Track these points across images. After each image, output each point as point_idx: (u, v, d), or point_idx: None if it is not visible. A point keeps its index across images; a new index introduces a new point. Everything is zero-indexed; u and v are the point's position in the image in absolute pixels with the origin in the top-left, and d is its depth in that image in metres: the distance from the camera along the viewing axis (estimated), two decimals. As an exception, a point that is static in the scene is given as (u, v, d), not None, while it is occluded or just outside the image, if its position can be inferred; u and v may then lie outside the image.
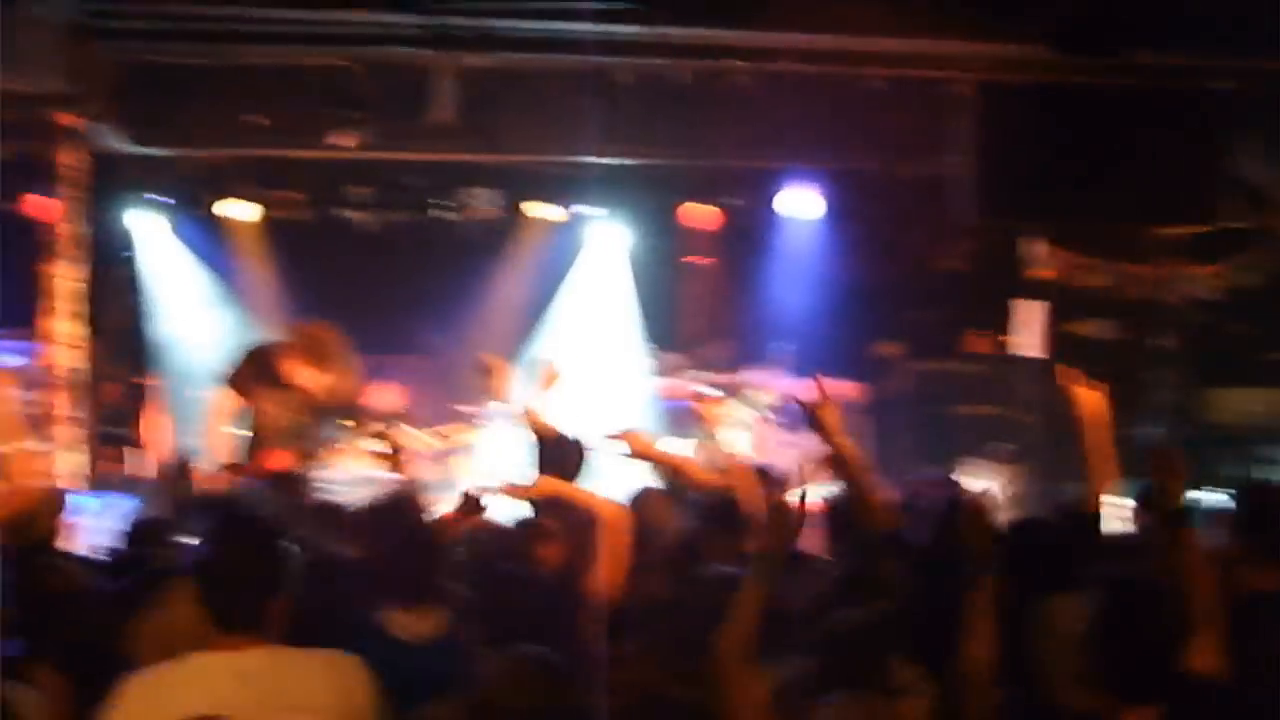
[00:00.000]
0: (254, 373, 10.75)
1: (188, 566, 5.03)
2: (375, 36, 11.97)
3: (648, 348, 15.39)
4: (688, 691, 5.22)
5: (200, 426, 11.15)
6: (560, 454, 8.26)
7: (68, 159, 12.55)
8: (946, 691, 5.10)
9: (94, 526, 11.76)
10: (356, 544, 7.06)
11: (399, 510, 7.46)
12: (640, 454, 8.03)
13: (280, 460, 9.93)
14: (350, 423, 11.01)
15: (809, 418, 7.03)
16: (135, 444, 14.91)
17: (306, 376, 10.38)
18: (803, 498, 5.38)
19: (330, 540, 6.96)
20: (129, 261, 15.56)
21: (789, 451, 13.62)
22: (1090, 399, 7.38)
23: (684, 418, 14.27)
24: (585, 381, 11.85)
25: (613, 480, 8.33)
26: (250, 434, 10.77)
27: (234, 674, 4.73)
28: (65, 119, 12.43)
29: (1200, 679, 5.04)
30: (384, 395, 15.08)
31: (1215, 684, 5.25)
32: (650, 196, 15.31)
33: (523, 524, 7.65)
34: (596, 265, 15.84)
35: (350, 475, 10.87)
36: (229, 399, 10.72)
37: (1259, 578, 6.21)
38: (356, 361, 10.67)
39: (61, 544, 7.62)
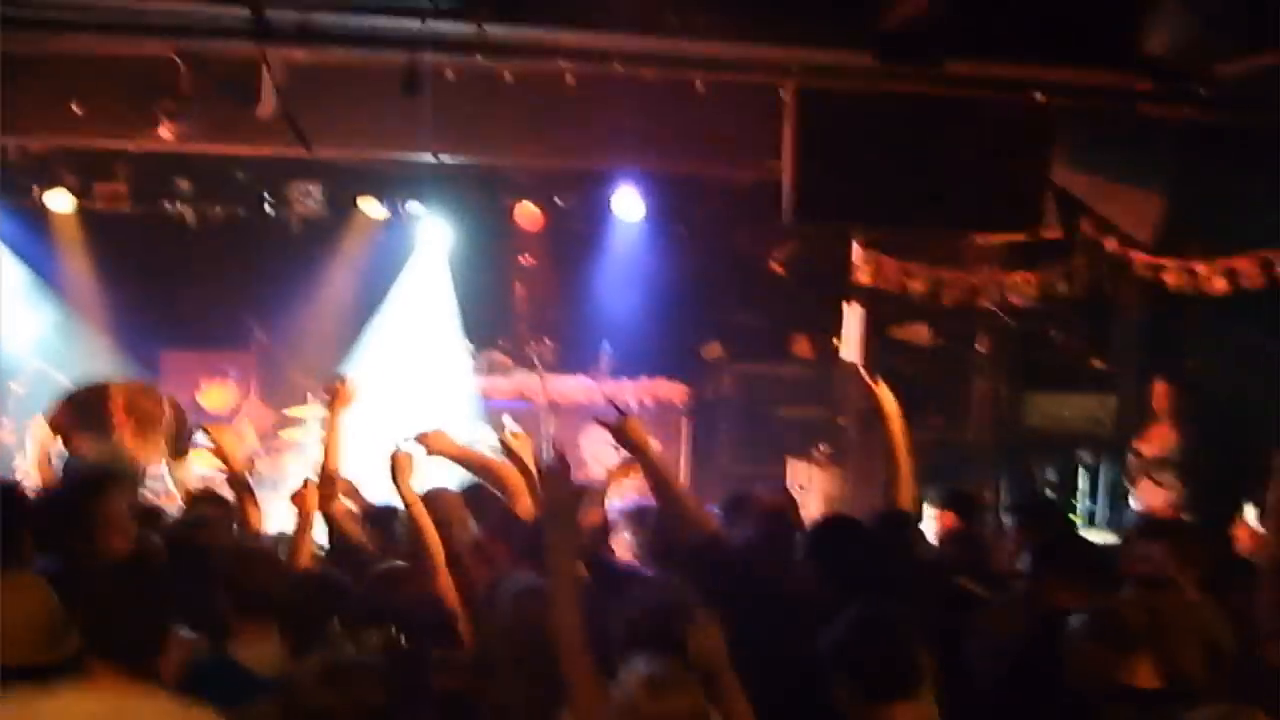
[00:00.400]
0: (72, 419, 10.57)
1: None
2: (200, 28, 11.81)
3: (471, 347, 15.38)
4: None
5: (26, 452, 10.98)
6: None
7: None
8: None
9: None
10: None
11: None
12: (440, 453, 8.07)
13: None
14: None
15: (614, 434, 7.11)
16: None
17: (129, 441, 10.23)
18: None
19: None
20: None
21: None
22: (887, 397, 7.53)
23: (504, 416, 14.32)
24: (401, 385, 11.79)
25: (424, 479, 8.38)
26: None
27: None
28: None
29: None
30: (213, 394, 15.02)
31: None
32: (477, 196, 15.31)
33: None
34: (424, 264, 15.79)
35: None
36: (48, 436, 10.56)
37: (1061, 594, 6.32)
38: (179, 413, 10.52)
39: None
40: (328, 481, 7.71)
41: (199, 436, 9.32)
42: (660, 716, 4.37)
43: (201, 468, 10.73)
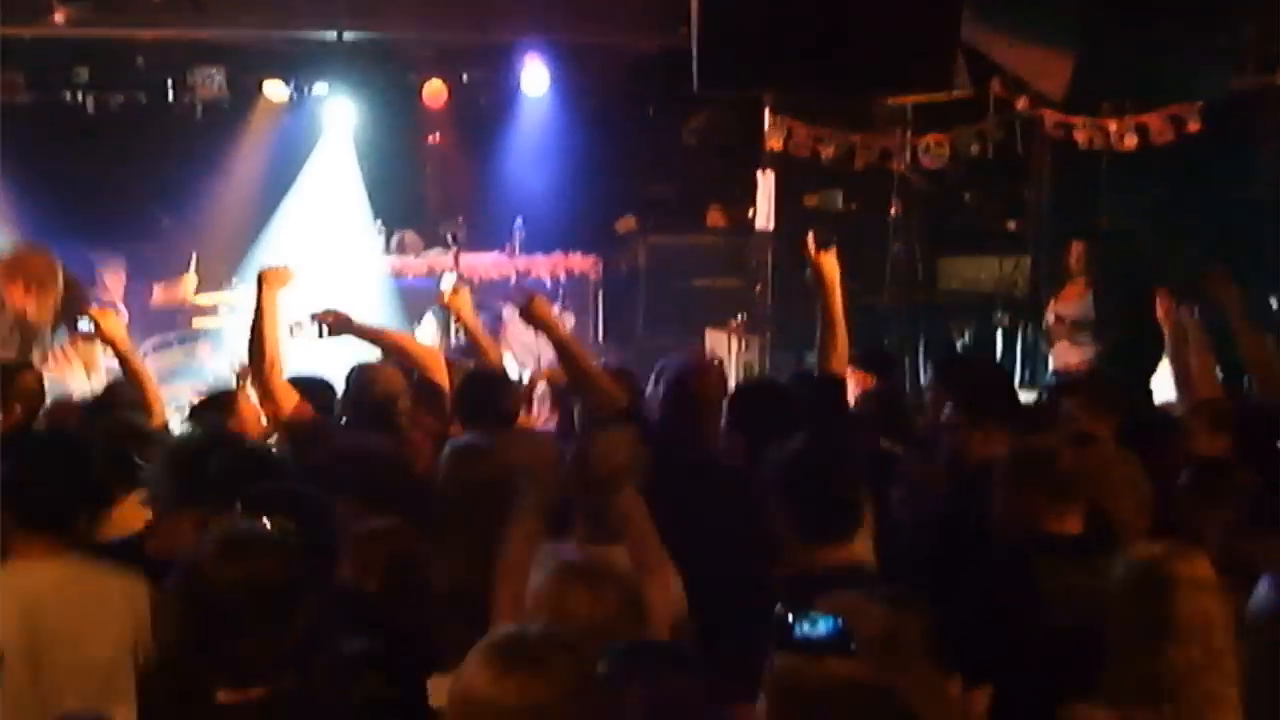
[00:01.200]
0: None
1: None
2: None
3: (380, 227, 15.25)
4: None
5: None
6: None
7: None
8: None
9: None
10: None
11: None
12: (341, 330, 8.04)
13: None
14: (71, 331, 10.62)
15: (521, 313, 7.14)
16: None
17: (17, 300, 10.02)
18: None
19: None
20: None
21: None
22: (829, 266, 7.47)
23: (416, 297, 14.25)
24: (312, 267, 11.57)
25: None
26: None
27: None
28: None
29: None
30: (110, 283, 14.80)
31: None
32: (382, 74, 15.11)
33: None
34: (331, 145, 15.61)
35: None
36: None
37: (985, 445, 6.32)
38: (72, 278, 10.31)
39: None
40: (267, 362, 7.59)
41: (82, 322, 9.18)
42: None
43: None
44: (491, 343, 8.46)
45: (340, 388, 7.81)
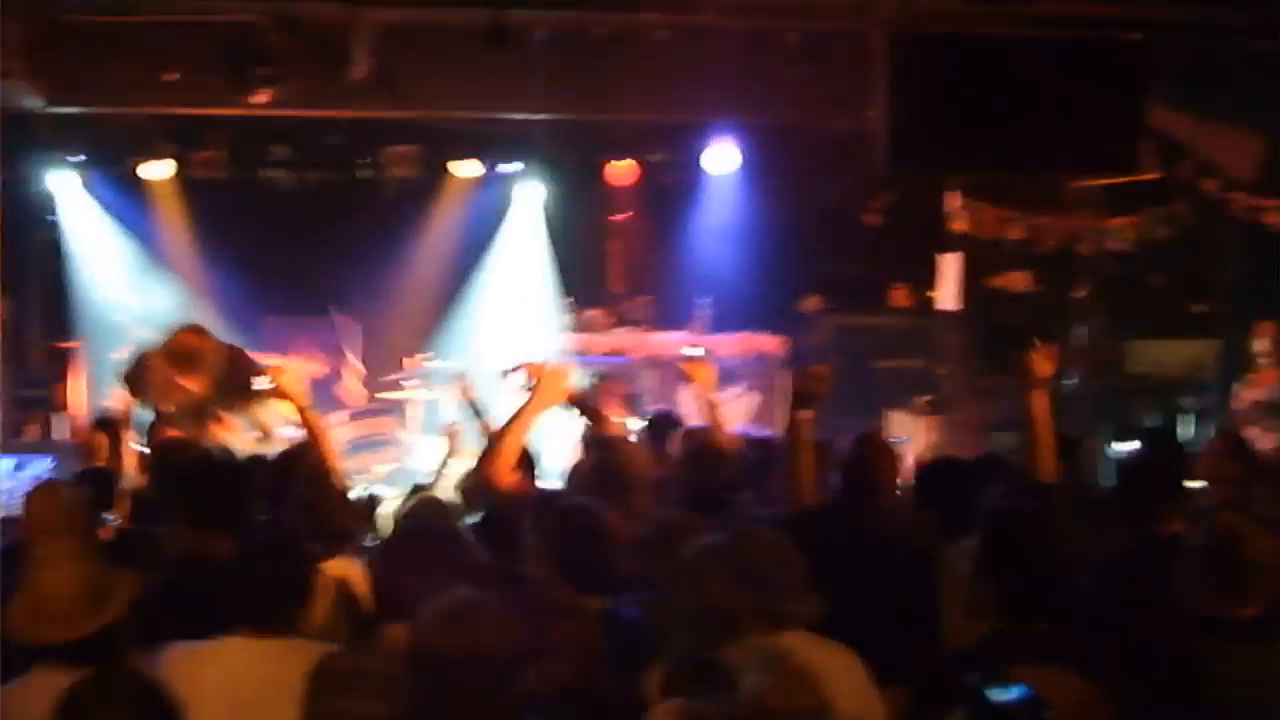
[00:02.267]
0: (138, 379, 10.68)
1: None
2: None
3: (565, 304, 15.40)
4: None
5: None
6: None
7: (-20, 117, 12.43)
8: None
9: (8, 488, 11.77)
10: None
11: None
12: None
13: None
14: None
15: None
16: (55, 407, 14.84)
17: (180, 383, 10.27)
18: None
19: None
20: (51, 224, 15.50)
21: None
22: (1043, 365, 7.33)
23: (601, 372, 14.37)
24: (499, 344, 11.72)
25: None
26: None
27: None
28: (-26, 76, 12.31)
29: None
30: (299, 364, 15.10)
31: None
32: (569, 152, 15.31)
33: None
34: (519, 223, 15.83)
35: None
36: (126, 401, 10.68)
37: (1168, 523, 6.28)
38: (233, 353, 10.52)
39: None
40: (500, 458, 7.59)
41: (260, 379, 9.35)
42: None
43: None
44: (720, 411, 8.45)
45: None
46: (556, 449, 8.55)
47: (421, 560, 6.27)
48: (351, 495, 7.88)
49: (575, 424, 8.31)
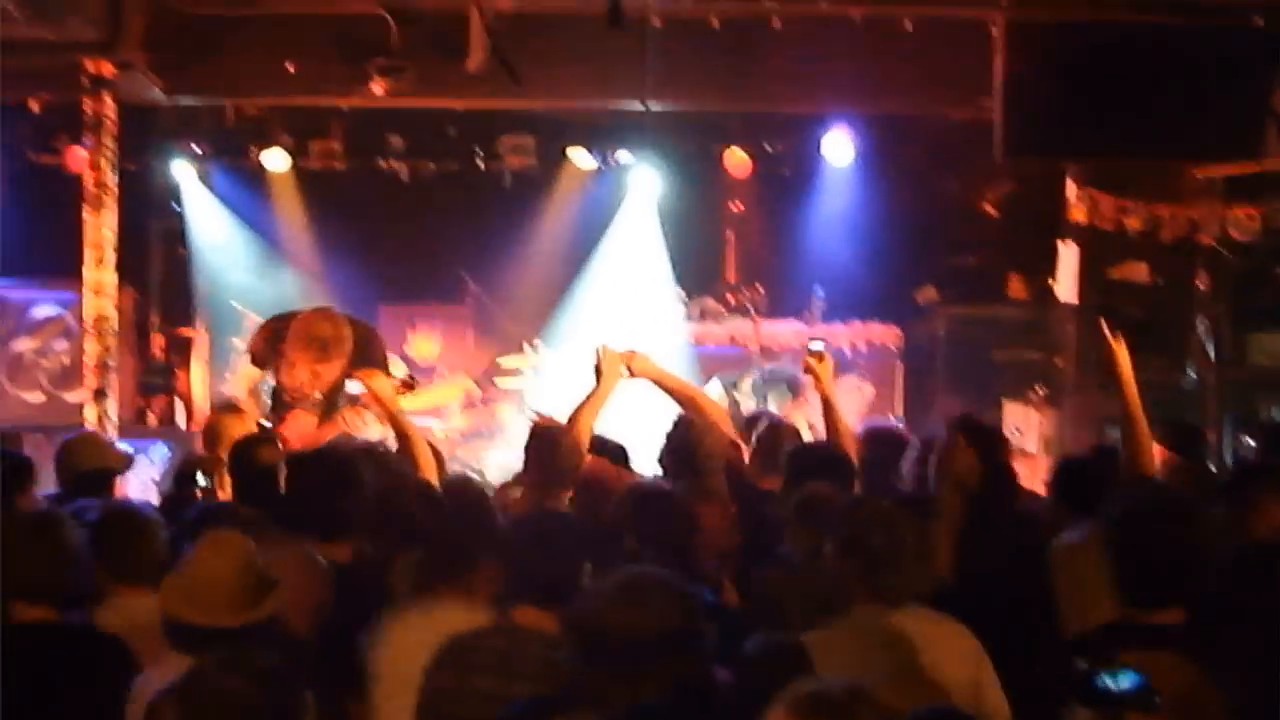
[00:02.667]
0: (268, 347, 10.75)
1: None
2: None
3: (682, 295, 15.37)
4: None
5: (232, 388, 11.12)
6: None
7: (100, 108, 12.55)
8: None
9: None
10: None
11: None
12: (643, 374, 8.14)
13: (300, 423, 9.87)
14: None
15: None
16: (176, 393, 15.02)
17: (313, 369, 10.30)
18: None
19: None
20: (173, 213, 15.68)
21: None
22: (1121, 357, 7.26)
23: (715, 364, 14.36)
24: (613, 333, 11.66)
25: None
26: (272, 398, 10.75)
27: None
28: (98, 67, 12.44)
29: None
30: (420, 344, 15.22)
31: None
32: (686, 143, 15.31)
33: None
34: (634, 213, 15.84)
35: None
36: (250, 369, 10.76)
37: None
38: (365, 335, 10.56)
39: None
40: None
41: (351, 383, 9.40)
42: None
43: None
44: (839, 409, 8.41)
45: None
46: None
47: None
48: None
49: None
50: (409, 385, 8.74)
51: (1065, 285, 13.98)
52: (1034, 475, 10.96)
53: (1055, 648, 5.31)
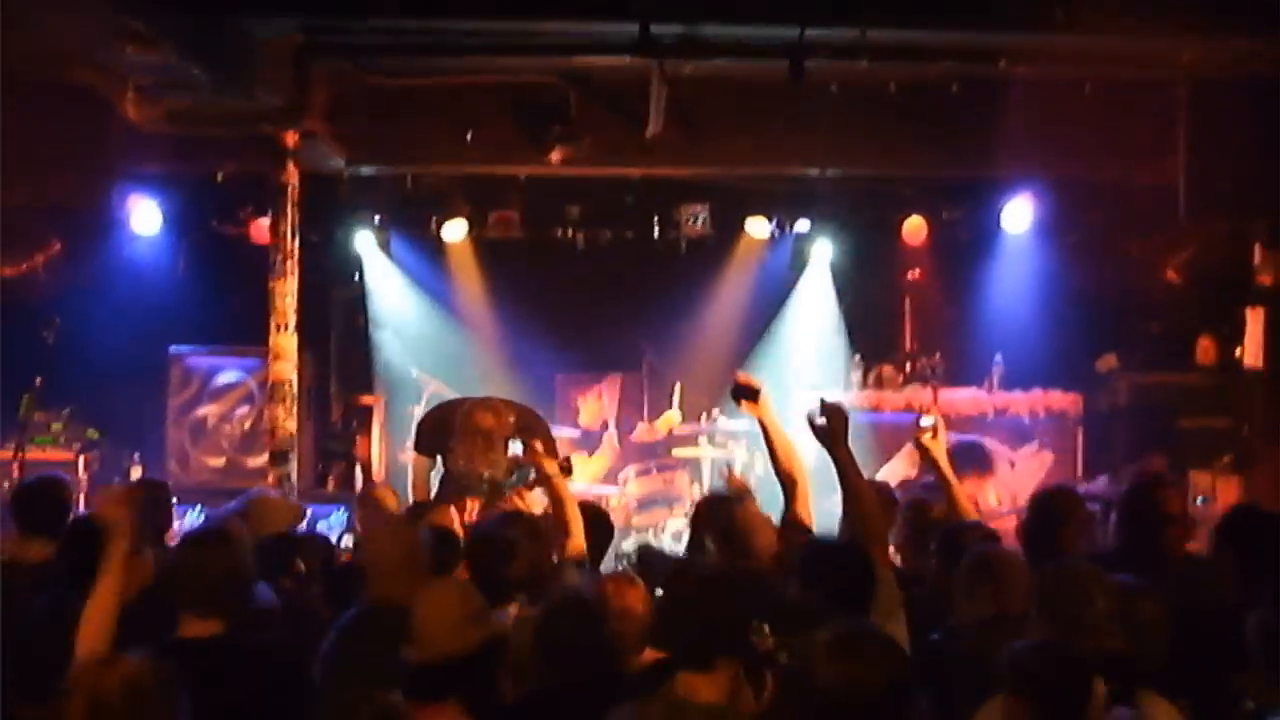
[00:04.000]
0: (433, 438, 10.91)
1: None
2: (586, 45, 12.08)
3: (859, 361, 15.27)
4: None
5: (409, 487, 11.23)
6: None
7: (285, 178, 12.76)
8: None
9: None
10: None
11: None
12: (758, 412, 7.97)
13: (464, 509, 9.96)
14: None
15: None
16: (353, 460, 15.18)
17: (465, 458, 10.44)
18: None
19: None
20: (354, 282, 15.88)
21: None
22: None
23: (892, 432, 14.22)
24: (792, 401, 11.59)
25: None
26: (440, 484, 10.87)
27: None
28: (283, 138, 12.65)
29: None
30: (587, 409, 15.31)
31: None
32: (861, 208, 15.25)
33: None
34: (811, 280, 15.79)
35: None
36: (420, 461, 10.94)
37: None
38: (526, 421, 10.63)
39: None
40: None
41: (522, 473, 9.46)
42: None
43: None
44: (958, 486, 8.24)
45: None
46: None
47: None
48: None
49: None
50: (566, 469, 8.76)
51: (1252, 351, 13.71)
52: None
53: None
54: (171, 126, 12.25)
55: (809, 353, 15.58)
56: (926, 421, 8.24)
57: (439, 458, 10.80)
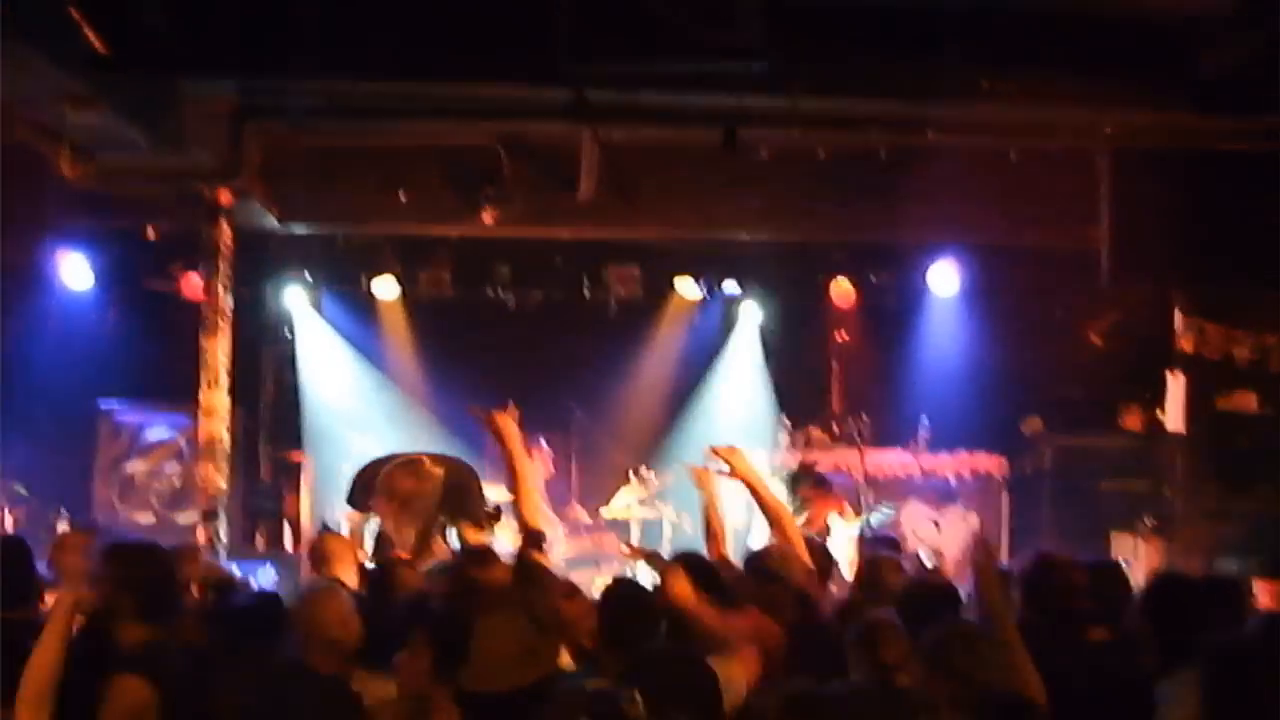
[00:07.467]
0: (360, 496, 10.96)
1: None
2: (520, 109, 12.17)
3: (786, 422, 15.37)
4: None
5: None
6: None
7: (218, 235, 12.80)
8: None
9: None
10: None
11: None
12: (739, 475, 8.39)
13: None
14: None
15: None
16: (282, 517, 15.15)
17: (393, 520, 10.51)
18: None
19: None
20: (284, 338, 15.89)
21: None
22: None
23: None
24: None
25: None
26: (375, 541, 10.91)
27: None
28: (216, 195, 12.70)
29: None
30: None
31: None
32: (790, 272, 15.40)
33: None
34: (740, 342, 15.90)
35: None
36: (354, 516, 10.98)
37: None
38: (455, 478, 10.69)
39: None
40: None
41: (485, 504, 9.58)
42: None
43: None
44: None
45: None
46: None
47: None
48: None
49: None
50: (495, 517, 8.89)
51: (1173, 415, 13.90)
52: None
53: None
54: (105, 184, 12.26)
55: (737, 413, 15.67)
56: (880, 518, 8.56)
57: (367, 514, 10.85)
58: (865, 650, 6.06)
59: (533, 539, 7.65)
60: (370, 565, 9.15)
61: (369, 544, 10.67)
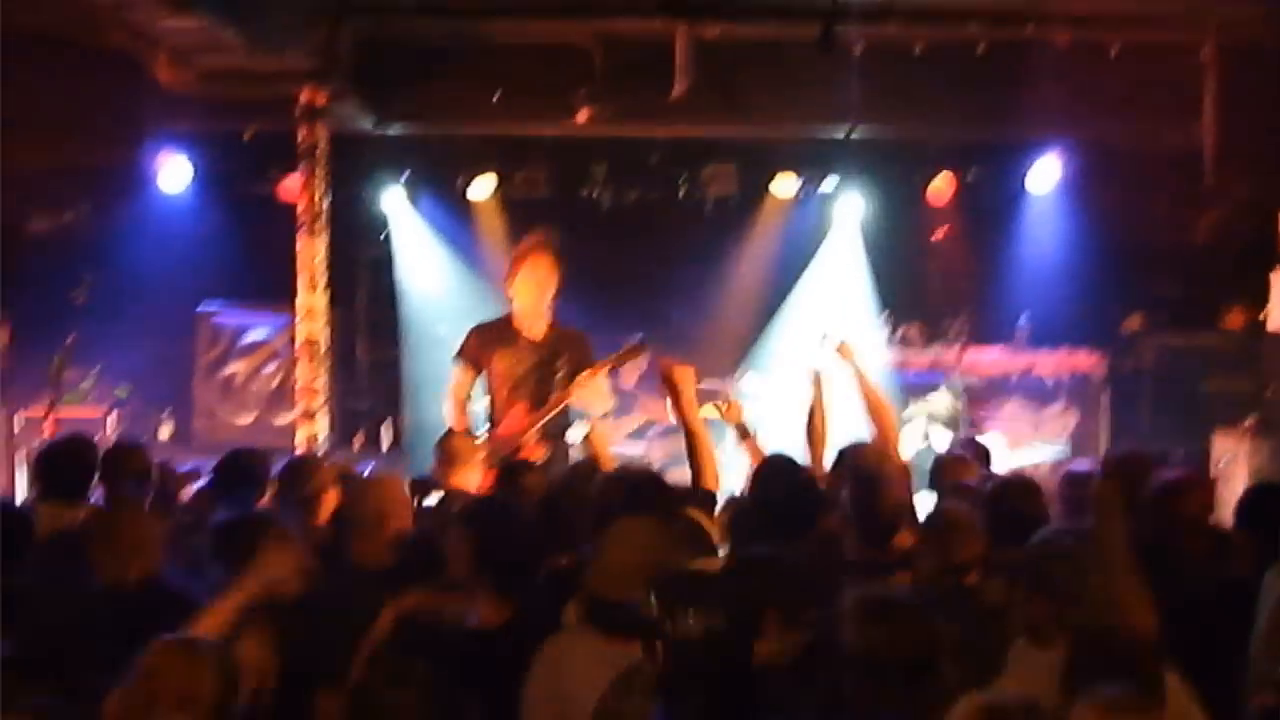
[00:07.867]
0: (479, 341, 10.98)
1: None
2: (615, 7, 12.12)
3: (885, 319, 15.26)
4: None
5: (445, 408, 11.23)
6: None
7: (311, 137, 12.82)
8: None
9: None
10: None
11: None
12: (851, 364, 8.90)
13: (519, 416, 10.16)
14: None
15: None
16: (380, 416, 15.24)
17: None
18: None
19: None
20: (381, 240, 15.92)
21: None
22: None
23: (918, 390, 14.29)
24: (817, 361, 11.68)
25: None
26: (488, 400, 10.96)
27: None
28: (309, 96, 12.70)
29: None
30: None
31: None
32: (890, 169, 15.24)
33: None
34: (838, 240, 15.78)
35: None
36: (464, 375, 10.97)
37: None
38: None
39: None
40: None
41: (572, 433, 9.66)
42: None
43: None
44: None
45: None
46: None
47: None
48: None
49: None
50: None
51: (1276, 315, 13.70)
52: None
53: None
54: (202, 88, 12.31)
55: (835, 311, 15.57)
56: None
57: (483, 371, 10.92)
58: (935, 546, 6.01)
59: (701, 498, 7.65)
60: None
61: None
